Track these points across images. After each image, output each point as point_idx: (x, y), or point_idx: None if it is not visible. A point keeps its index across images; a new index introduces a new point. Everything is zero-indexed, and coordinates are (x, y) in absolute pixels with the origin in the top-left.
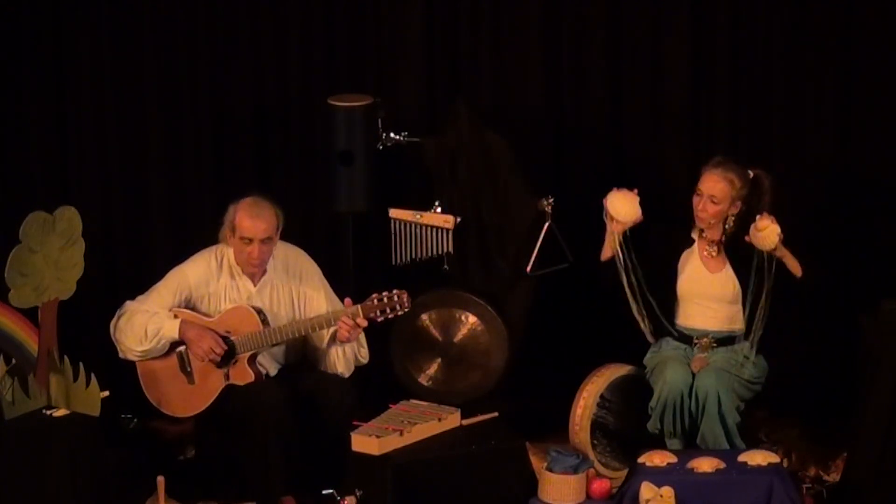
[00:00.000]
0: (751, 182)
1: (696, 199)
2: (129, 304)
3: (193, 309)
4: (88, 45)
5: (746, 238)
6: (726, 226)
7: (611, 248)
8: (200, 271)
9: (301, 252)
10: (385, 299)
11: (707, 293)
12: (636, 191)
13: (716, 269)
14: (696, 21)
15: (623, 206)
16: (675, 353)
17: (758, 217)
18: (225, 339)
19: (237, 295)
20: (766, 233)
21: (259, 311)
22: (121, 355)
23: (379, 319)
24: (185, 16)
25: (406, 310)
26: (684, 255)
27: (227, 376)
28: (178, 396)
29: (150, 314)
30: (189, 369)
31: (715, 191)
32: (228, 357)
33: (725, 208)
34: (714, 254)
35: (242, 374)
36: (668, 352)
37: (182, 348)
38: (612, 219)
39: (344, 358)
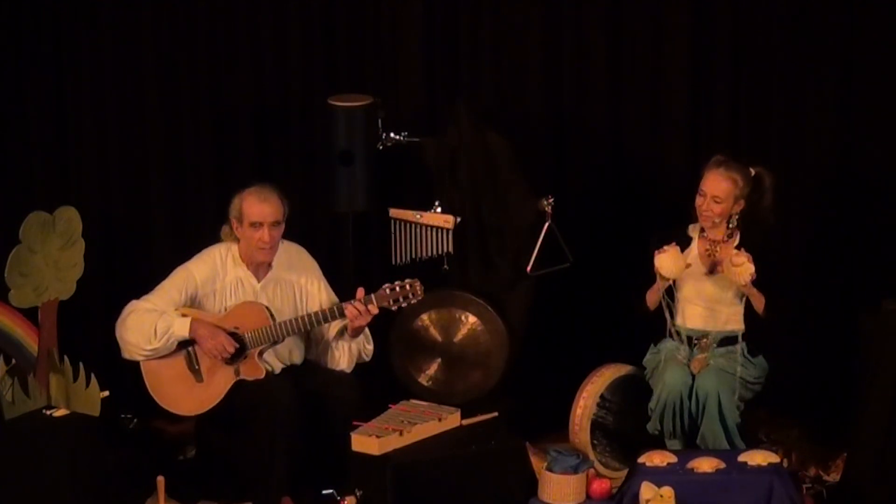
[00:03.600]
0: (752, 180)
1: (699, 199)
2: (135, 303)
3: (198, 306)
4: (88, 45)
5: (719, 268)
6: (730, 224)
7: (656, 297)
8: (206, 269)
9: (302, 249)
10: (398, 288)
11: (706, 294)
12: (675, 246)
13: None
14: (696, 21)
15: (670, 265)
16: (675, 353)
17: (734, 252)
18: (234, 335)
19: (242, 292)
20: (741, 269)
21: (266, 307)
22: (125, 355)
23: (393, 308)
24: (186, 15)
25: (420, 298)
26: (683, 254)
27: (237, 372)
28: (185, 395)
29: (159, 313)
30: (197, 367)
31: (718, 190)
32: (238, 353)
33: (729, 207)
34: (715, 254)
35: (253, 370)
36: (668, 353)
37: (191, 347)
38: (660, 276)
39: (349, 353)
